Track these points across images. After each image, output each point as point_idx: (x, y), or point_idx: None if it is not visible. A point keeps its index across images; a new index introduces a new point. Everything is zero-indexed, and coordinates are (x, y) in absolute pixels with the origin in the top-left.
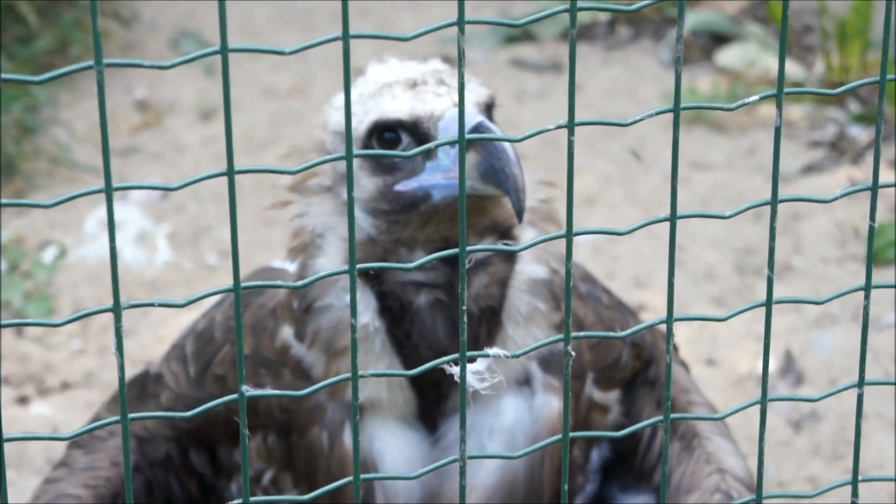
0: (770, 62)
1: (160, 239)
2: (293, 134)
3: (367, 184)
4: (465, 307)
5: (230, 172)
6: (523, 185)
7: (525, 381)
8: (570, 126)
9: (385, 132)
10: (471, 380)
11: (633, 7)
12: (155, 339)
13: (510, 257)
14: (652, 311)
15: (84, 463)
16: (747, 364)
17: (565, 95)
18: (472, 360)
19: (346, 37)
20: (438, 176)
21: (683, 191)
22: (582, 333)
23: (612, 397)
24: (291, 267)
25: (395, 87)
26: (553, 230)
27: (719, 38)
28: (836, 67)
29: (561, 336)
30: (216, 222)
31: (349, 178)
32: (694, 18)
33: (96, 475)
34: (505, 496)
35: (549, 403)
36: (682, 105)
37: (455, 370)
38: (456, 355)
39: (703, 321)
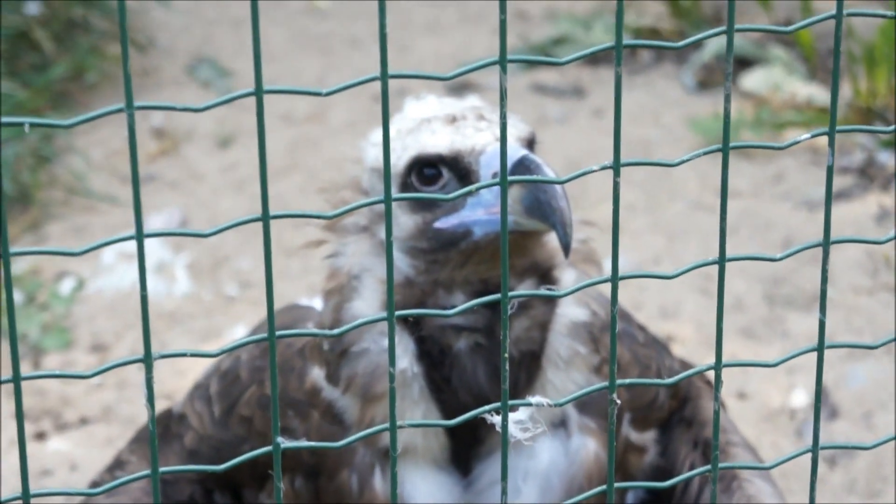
0: (796, 86)
1: (179, 269)
2: (312, 161)
3: (405, 221)
4: (507, 354)
5: (265, 218)
6: (570, 218)
7: (560, 423)
8: (616, 167)
9: (425, 168)
10: (513, 430)
11: (680, 44)
12: (174, 372)
13: (551, 300)
14: (680, 342)
15: None
16: (780, 398)
17: (587, 120)
18: (514, 408)
19: (384, 76)
20: (480, 212)
21: (710, 218)
22: (627, 381)
23: (648, 438)
24: (319, 304)
25: (434, 122)
26: (593, 271)
27: (743, 62)
28: (864, 92)
29: (605, 384)
30: (236, 252)
31: (388, 222)
32: (716, 43)
33: None
34: None
35: (586, 445)
36: (731, 144)
37: (496, 420)
38: (497, 404)
39: (730, 352)
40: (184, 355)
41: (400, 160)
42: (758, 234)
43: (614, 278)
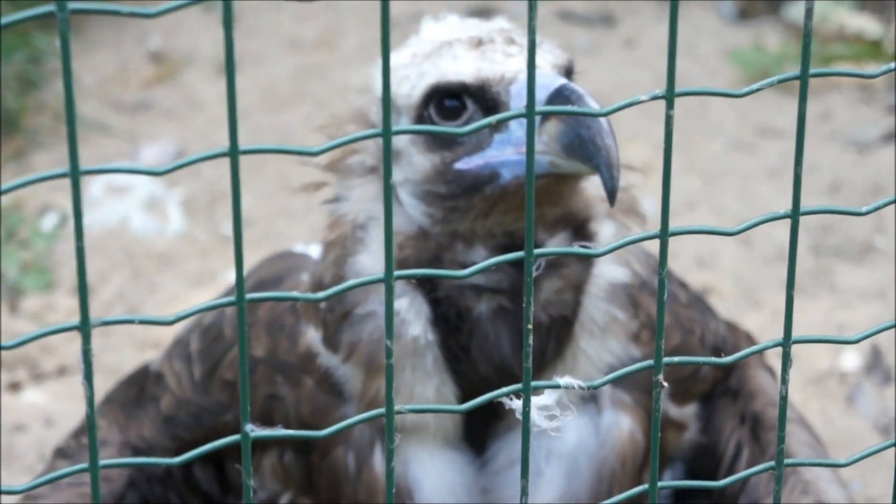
0: (845, 17)
1: (172, 206)
2: (320, 90)
3: (420, 161)
4: (531, 326)
5: (233, 153)
6: (617, 159)
7: (591, 397)
8: (670, 96)
9: (445, 99)
10: (536, 416)
11: None
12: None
13: (587, 258)
14: (717, 295)
15: (70, 478)
16: (828, 359)
17: (617, 52)
18: (538, 391)
19: None
20: (509, 151)
21: (751, 159)
22: (675, 359)
23: (688, 412)
24: (316, 251)
25: (456, 45)
26: (634, 223)
27: None
28: None
29: (649, 362)
30: None
31: (386, 162)
32: None
33: (83, 492)
34: None
35: (619, 423)
36: (810, 71)
37: (516, 405)
38: (518, 385)
39: (774, 309)
40: (131, 322)
41: (416, 89)
42: (803, 177)
43: (664, 234)
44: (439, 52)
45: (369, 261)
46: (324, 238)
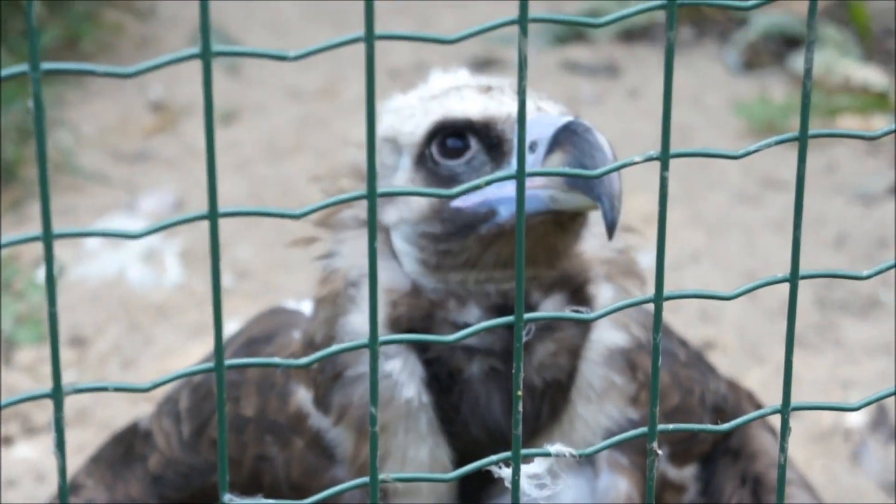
0: (850, 68)
1: (170, 257)
2: (320, 140)
3: (417, 199)
4: (520, 392)
5: (212, 216)
6: (620, 191)
7: (586, 459)
8: (664, 158)
9: (449, 137)
10: (526, 485)
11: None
12: (159, 372)
13: (584, 322)
14: (721, 350)
15: None
16: (831, 415)
17: (622, 102)
18: (529, 459)
19: (370, 37)
20: (509, 187)
21: (755, 211)
22: (671, 427)
23: (688, 474)
24: (308, 307)
25: (464, 89)
26: (633, 285)
27: (791, 42)
28: None
29: (644, 430)
30: (233, 239)
31: (371, 226)
32: (764, 20)
33: None
34: None
35: (616, 485)
36: (809, 132)
37: (505, 473)
38: (507, 454)
39: (777, 363)
40: (104, 390)
41: (420, 127)
42: (808, 230)
43: (658, 298)
44: (447, 94)
45: (361, 320)
46: (315, 295)
